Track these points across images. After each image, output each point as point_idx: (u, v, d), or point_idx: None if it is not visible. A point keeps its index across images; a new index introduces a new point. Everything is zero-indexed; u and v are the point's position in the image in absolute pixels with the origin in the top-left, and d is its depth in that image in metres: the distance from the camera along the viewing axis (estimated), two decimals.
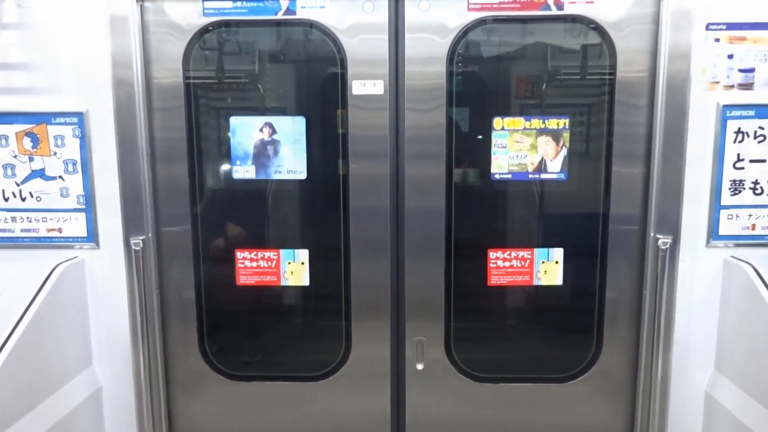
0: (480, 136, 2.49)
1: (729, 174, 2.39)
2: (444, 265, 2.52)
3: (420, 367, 2.58)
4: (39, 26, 2.39)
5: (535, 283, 2.53)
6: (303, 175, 2.50)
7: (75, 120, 2.45)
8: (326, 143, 2.55)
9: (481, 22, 2.39)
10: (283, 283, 2.58)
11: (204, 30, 2.41)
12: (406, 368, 2.61)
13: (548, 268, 2.53)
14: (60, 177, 2.49)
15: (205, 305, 2.64)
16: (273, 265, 2.57)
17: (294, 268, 2.57)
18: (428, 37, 2.38)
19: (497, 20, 2.41)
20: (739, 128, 2.35)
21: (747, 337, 2.31)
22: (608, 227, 2.48)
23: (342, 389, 2.64)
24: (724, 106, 2.34)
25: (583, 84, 2.55)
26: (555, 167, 2.46)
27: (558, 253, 2.52)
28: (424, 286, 2.54)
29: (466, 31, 2.39)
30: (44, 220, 2.53)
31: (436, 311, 2.57)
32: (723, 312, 2.44)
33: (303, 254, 2.57)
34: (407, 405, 2.64)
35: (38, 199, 2.50)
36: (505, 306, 2.79)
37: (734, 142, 2.36)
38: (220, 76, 2.55)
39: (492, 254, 2.52)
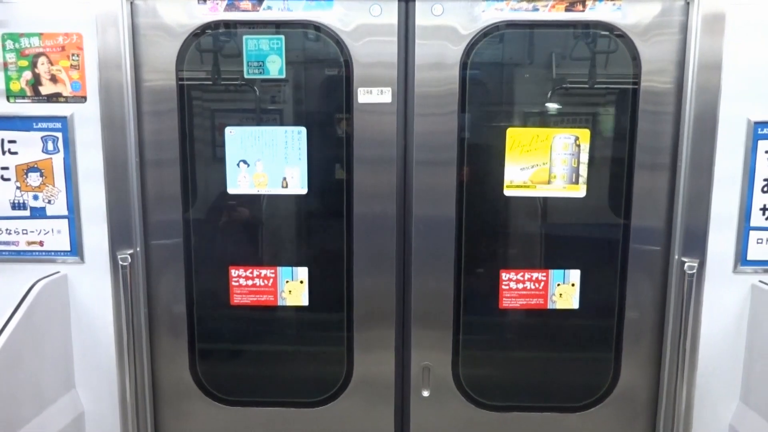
0: (494, 145, 2.35)
1: (759, 198, 2.25)
2: (453, 283, 2.39)
3: (426, 394, 2.45)
4: (23, 24, 2.24)
5: (550, 306, 2.40)
6: (304, 190, 2.35)
7: (58, 125, 2.29)
8: (329, 152, 2.41)
9: (498, 26, 2.25)
10: (280, 303, 2.44)
11: (199, 31, 2.26)
12: (411, 395, 2.47)
13: (564, 290, 2.39)
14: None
15: (197, 324, 2.49)
16: (270, 284, 2.42)
17: (292, 287, 2.42)
18: (440, 42, 2.25)
19: (514, 25, 2.27)
20: None
21: None
22: (629, 246, 2.35)
23: (343, 416, 2.50)
24: (756, 123, 2.20)
25: (604, 93, 2.43)
26: (573, 180, 2.32)
27: (575, 275, 2.38)
28: (431, 306, 2.41)
29: (481, 36, 2.25)
30: (24, 232, 2.37)
31: (443, 333, 2.43)
32: (750, 340, 2.32)
33: (302, 272, 2.42)
34: None
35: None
36: (518, 329, 2.65)
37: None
38: (216, 79, 2.40)
39: (504, 275, 2.39)
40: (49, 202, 2.35)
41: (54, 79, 2.28)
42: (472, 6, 2.22)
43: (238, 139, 2.34)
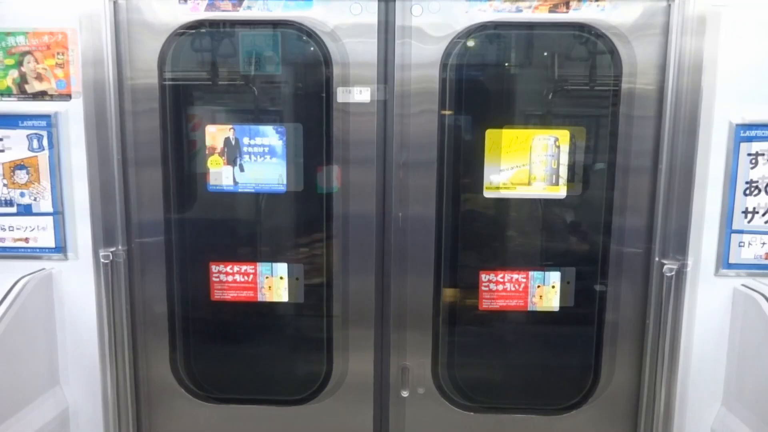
0: (473, 146, 2.35)
1: (741, 201, 2.22)
2: (433, 283, 2.38)
3: (405, 394, 2.44)
4: (9, 22, 2.26)
5: (530, 308, 2.38)
6: (282, 188, 2.36)
7: (44, 123, 2.31)
8: (310, 151, 2.41)
9: (480, 27, 2.24)
10: (260, 298, 2.45)
11: (180, 30, 2.28)
12: (390, 395, 2.47)
13: (544, 292, 2.37)
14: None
15: (179, 321, 2.51)
16: (250, 280, 2.42)
17: (271, 283, 2.42)
18: (421, 42, 2.24)
19: (497, 26, 2.26)
20: (757, 151, 2.18)
21: (758, 372, 2.15)
22: (610, 249, 2.33)
23: (324, 414, 2.49)
24: (738, 125, 2.17)
25: (586, 94, 2.42)
26: (554, 182, 2.30)
27: (555, 276, 2.37)
28: (411, 307, 2.40)
29: (462, 36, 2.24)
30: (11, 228, 2.39)
31: (423, 334, 2.42)
32: (732, 344, 2.28)
33: (281, 268, 2.42)
34: None
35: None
36: (498, 330, 2.63)
37: (749, 165, 2.19)
38: (198, 78, 2.41)
39: (484, 276, 2.37)
40: (36, 199, 2.37)
41: (40, 77, 2.30)
42: (454, 6, 2.21)
43: (219, 138, 2.35)
